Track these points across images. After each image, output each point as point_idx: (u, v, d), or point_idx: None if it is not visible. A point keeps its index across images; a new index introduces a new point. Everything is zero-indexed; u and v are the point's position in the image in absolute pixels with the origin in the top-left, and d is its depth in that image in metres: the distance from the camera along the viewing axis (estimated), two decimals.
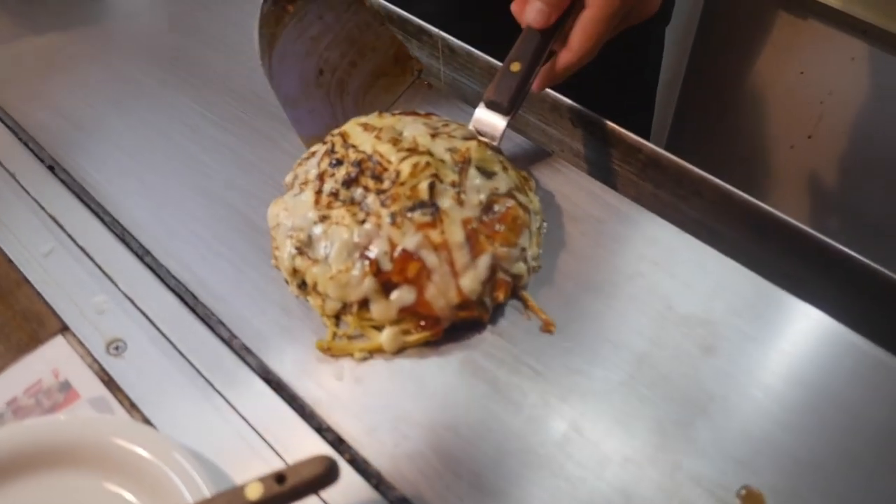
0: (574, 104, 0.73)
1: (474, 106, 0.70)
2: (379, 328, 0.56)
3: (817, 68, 1.01)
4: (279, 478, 0.42)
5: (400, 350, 0.55)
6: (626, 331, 0.57)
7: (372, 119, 0.62)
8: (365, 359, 0.55)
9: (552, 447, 0.51)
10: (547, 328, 0.57)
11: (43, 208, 0.65)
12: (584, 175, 0.68)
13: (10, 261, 0.61)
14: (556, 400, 0.53)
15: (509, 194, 0.59)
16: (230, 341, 0.56)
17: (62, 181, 0.67)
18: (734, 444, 0.51)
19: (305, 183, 0.58)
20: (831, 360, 0.55)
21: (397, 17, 0.83)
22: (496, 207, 0.58)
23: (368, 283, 0.54)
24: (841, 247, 0.61)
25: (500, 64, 0.77)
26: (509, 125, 0.65)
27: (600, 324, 0.57)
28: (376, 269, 0.54)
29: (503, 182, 0.59)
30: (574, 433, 0.52)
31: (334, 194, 0.56)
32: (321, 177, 0.58)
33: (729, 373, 0.55)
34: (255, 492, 0.42)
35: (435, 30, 0.80)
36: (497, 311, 0.58)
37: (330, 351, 0.55)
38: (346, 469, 0.50)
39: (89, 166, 0.69)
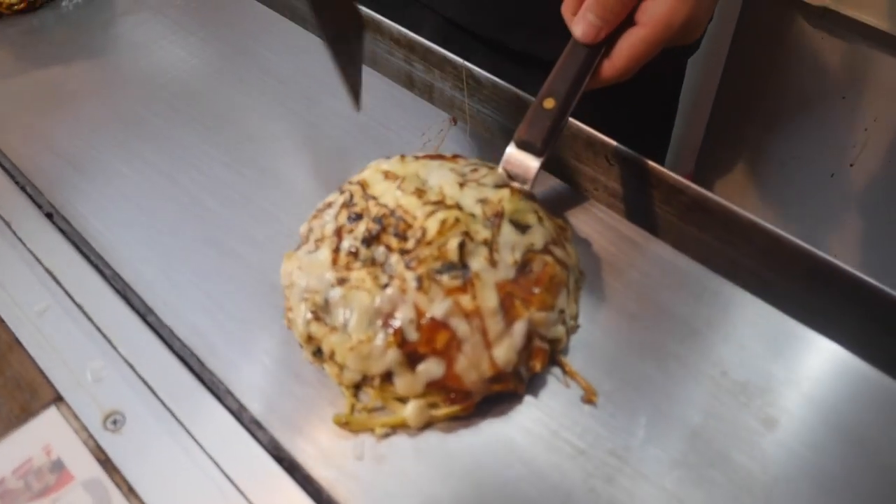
0: (610, 141, 0.68)
1: (501, 141, 0.65)
2: (403, 400, 0.50)
3: (861, 93, 0.95)
4: None
5: (426, 425, 0.50)
6: (678, 401, 0.51)
7: (394, 165, 0.57)
8: (387, 435, 0.50)
9: None
10: (589, 398, 0.52)
11: (39, 261, 0.60)
12: (623, 220, 0.63)
13: (1, 320, 0.56)
14: (600, 482, 0.47)
15: (546, 250, 0.54)
16: (239, 414, 0.51)
17: (61, 230, 0.62)
18: None
19: (322, 239, 0.53)
20: None
21: (420, 46, 0.78)
22: (532, 266, 0.53)
23: (392, 355, 0.49)
24: None
25: (528, 97, 0.72)
26: (542, 166, 0.59)
27: (649, 393, 0.51)
28: (401, 340, 0.49)
29: (539, 236, 0.54)
30: None
31: (353, 253, 0.51)
32: (339, 232, 0.53)
33: (793, 450, 0.49)
34: None
35: (459, 60, 0.75)
36: (534, 377, 0.52)
37: (348, 426, 0.50)
38: None
39: (90, 214, 0.64)
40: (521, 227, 0.54)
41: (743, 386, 0.52)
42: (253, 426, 0.50)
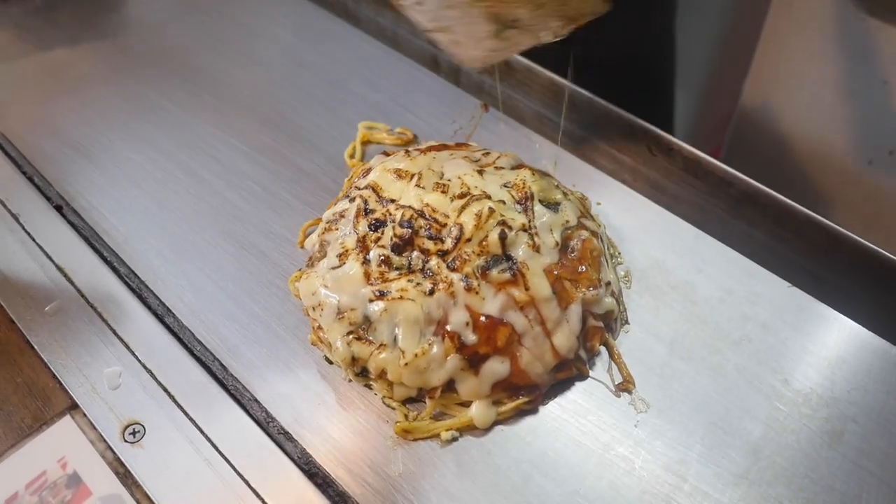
0: (653, 128, 0.64)
1: (533, 128, 0.63)
2: (465, 404, 0.47)
3: None
4: None
5: (496, 424, 0.47)
6: (737, 412, 0.47)
7: (401, 162, 0.53)
8: (454, 439, 0.47)
9: None
10: (625, 386, 0.49)
11: (49, 257, 0.56)
12: (668, 214, 0.59)
13: (11, 321, 0.53)
14: (657, 501, 0.44)
15: (580, 224, 0.51)
16: (266, 424, 0.48)
17: (71, 224, 0.59)
18: None
19: (345, 253, 0.49)
20: None
21: None
22: (572, 244, 0.50)
23: (453, 363, 0.46)
24: None
25: (562, 81, 0.68)
26: None
27: (705, 403, 0.48)
28: (459, 344, 0.46)
29: (570, 211, 0.52)
30: None
31: (385, 262, 0.48)
32: (362, 242, 0.49)
33: (861, 465, 0.46)
34: None
35: None
36: (583, 389, 0.49)
37: (411, 434, 0.46)
38: None
39: (102, 206, 0.60)
40: (552, 206, 0.51)
41: (806, 397, 0.48)
42: (281, 437, 0.47)
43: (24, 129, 0.66)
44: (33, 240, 0.58)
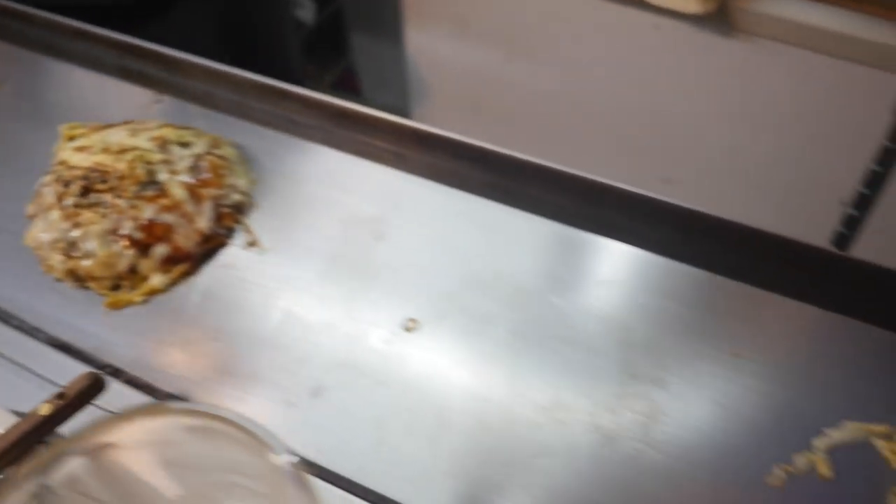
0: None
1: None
2: (147, 278, 0.74)
3: None
4: (60, 395, 0.60)
5: (171, 285, 0.74)
6: (317, 237, 0.77)
7: (81, 141, 0.80)
8: (146, 301, 0.73)
9: (273, 330, 0.71)
10: (254, 244, 0.77)
11: None
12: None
13: None
14: (273, 300, 0.73)
15: (207, 153, 0.79)
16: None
17: None
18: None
19: (49, 208, 0.75)
20: None
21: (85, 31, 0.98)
22: (200, 164, 0.78)
23: (129, 253, 0.72)
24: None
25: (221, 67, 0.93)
26: None
27: (299, 237, 0.77)
28: (131, 241, 0.72)
29: (199, 146, 0.80)
30: (290, 318, 0.72)
31: (77, 206, 0.74)
32: (60, 198, 0.75)
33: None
34: (45, 409, 0.60)
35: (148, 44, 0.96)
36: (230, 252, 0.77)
37: (115, 305, 0.73)
38: None
39: None
40: (186, 145, 0.80)
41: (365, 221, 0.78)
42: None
43: None
44: None
